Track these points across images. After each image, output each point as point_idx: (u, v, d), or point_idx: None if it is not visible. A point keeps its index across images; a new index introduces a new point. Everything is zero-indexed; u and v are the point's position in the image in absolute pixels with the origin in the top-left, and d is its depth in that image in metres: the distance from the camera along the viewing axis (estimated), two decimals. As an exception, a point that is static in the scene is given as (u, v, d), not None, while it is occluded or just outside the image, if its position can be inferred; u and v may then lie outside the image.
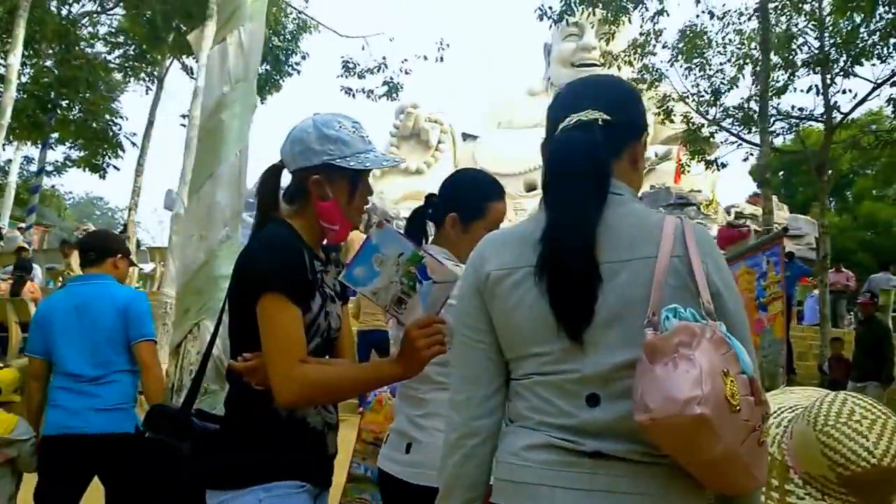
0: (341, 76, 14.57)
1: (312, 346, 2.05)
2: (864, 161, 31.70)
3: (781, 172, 38.11)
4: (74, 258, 14.01)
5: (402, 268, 1.91)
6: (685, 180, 28.87)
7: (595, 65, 37.79)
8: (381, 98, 14.98)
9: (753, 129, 14.62)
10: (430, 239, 2.64)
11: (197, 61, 17.78)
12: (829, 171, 15.09)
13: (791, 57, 14.47)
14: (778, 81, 14.70)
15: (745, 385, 1.34)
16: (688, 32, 15.62)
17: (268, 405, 2.00)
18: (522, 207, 30.61)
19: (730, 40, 15.46)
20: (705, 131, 16.21)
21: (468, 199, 2.55)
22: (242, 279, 2.03)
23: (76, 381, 3.64)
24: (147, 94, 19.05)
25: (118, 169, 18.21)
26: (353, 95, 14.95)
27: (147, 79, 18.72)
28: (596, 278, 1.45)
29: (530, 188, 33.42)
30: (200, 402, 3.73)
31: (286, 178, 2.20)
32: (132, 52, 18.11)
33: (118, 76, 19.37)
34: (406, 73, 14.51)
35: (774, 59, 14.43)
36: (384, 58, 14.43)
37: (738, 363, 1.35)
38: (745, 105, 15.14)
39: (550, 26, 14.73)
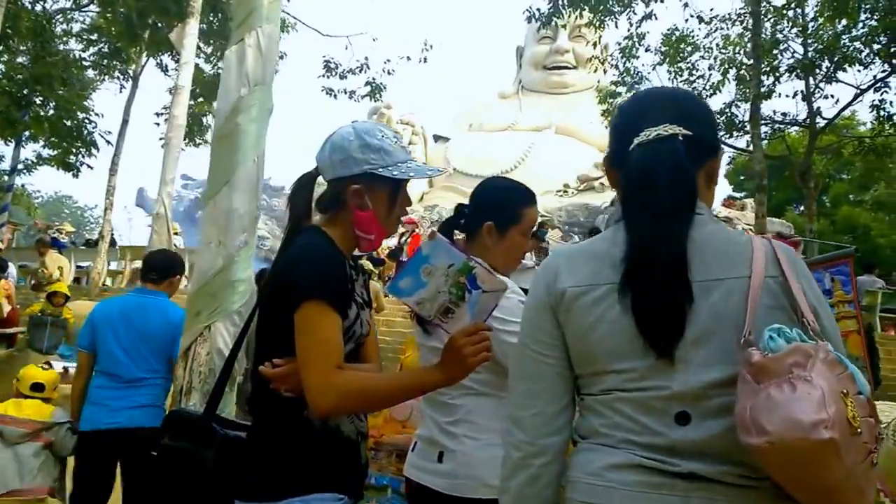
0: (323, 76, 14.48)
1: (346, 350, 2.02)
2: (840, 165, 32.18)
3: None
4: (49, 256, 13.96)
5: (452, 278, 1.89)
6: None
7: (567, 67, 38.18)
8: (363, 99, 14.87)
9: (736, 134, 14.80)
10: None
11: (178, 60, 17.62)
12: (810, 178, 15.27)
13: (776, 62, 14.68)
14: (762, 86, 14.88)
15: (864, 406, 1.32)
16: (672, 36, 15.73)
17: (300, 413, 1.99)
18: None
19: (716, 45, 15.60)
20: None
21: (503, 206, 2.55)
22: (282, 286, 2.00)
23: (118, 381, 4.14)
24: (121, 92, 18.80)
25: (91, 168, 17.99)
26: (335, 96, 14.85)
27: (121, 76, 18.44)
28: (688, 295, 1.43)
29: (503, 191, 33.38)
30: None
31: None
32: (106, 50, 17.79)
33: (92, 74, 19.06)
34: (389, 73, 14.45)
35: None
36: (366, 58, 14.37)
37: (855, 384, 1.33)
38: (728, 110, 15.30)
39: (539, 28, 14.73)
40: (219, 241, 3.80)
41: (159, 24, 15.65)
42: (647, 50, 15.84)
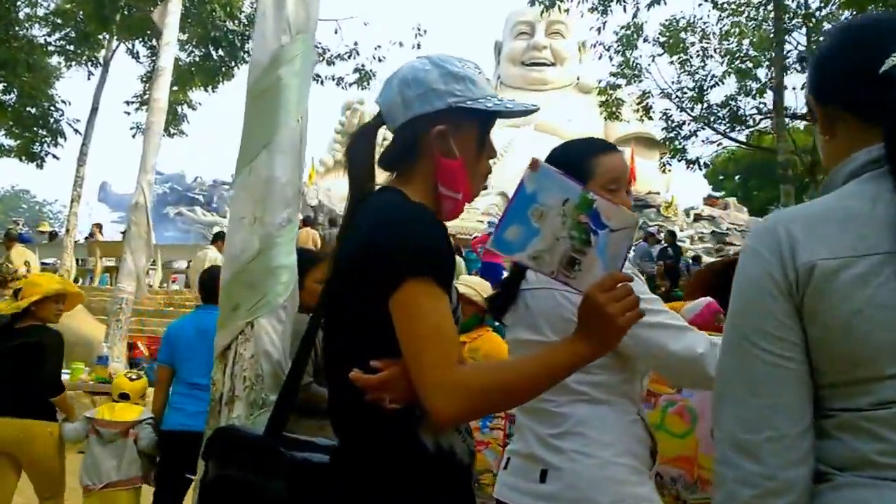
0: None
1: None
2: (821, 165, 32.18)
3: (738, 175, 38.60)
4: (15, 250, 13.17)
5: (571, 218, 1.42)
6: (639, 182, 28.93)
7: (545, 64, 38.03)
8: (351, 86, 14.23)
9: (738, 127, 14.44)
10: None
11: (152, 45, 16.88)
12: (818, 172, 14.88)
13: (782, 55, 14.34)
14: (764, 80, 14.56)
15: None
16: (671, 26, 15.28)
17: (409, 430, 1.53)
18: (474, 206, 30.23)
19: (723, 31, 15.11)
20: (686, 129, 15.97)
21: (575, 158, 2.11)
22: (369, 262, 1.51)
23: (194, 388, 4.62)
24: (89, 79, 17.95)
25: (58, 158, 17.03)
26: (322, 83, 14.21)
27: (90, 62, 17.58)
28: None
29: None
30: (255, 418, 3.10)
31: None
32: (73, 35, 16.94)
33: (56, 60, 18.19)
34: (380, 60, 13.79)
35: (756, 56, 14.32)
36: (356, 43, 13.72)
37: None
38: (731, 102, 14.90)
39: (542, 12, 14.20)
40: (254, 218, 3.18)
41: (130, 8, 14.90)
42: (644, 40, 15.31)
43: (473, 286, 5.09)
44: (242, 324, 3.11)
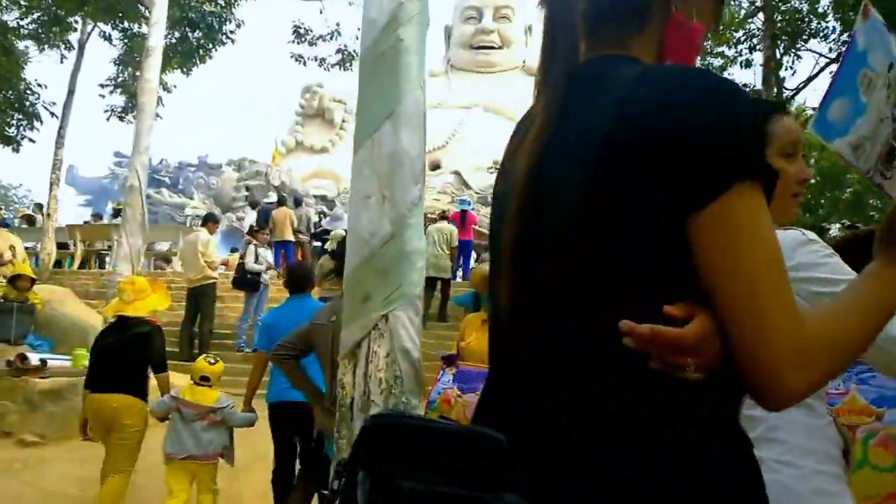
0: (292, 42, 13.02)
1: None
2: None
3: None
4: (0, 235, 12.20)
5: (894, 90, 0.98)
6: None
7: (493, 47, 37.44)
8: (333, 67, 13.46)
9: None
10: None
11: (124, 29, 15.87)
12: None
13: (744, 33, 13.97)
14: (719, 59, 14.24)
15: None
16: None
17: (717, 411, 0.94)
18: (430, 185, 29.67)
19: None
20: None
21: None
22: (661, 152, 0.91)
23: None
24: (62, 62, 16.80)
25: (33, 141, 15.91)
26: (304, 63, 13.41)
27: (64, 45, 16.43)
28: None
29: (434, 167, 32.55)
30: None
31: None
32: (45, 18, 15.77)
33: (26, 44, 16.97)
34: (363, 41, 13.06)
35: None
36: (338, 24, 12.96)
37: None
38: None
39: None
40: (382, 197, 2.62)
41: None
42: None
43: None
44: (376, 317, 2.56)
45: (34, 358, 7.86)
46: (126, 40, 16.50)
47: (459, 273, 18.35)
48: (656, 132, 0.92)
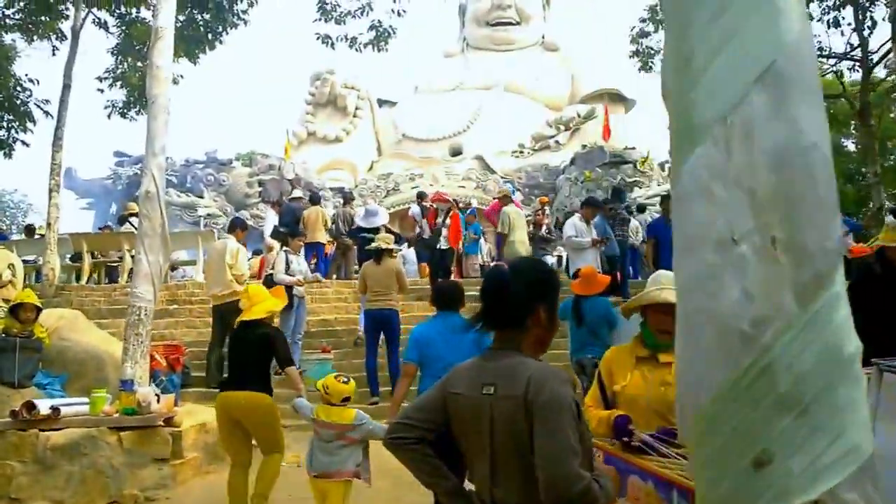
0: (318, 20, 11.59)
1: None
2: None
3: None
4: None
5: None
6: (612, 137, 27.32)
7: (511, 23, 35.98)
8: (366, 47, 12.01)
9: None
10: None
11: (121, 14, 14.48)
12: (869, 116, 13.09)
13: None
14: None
15: None
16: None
17: None
18: (454, 172, 28.36)
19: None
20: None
21: None
22: None
23: (438, 380, 4.15)
24: (54, 54, 15.40)
25: (27, 145, 14.48)
26: (332, 45, 11.98)
27: (55, 35, 15.02)
28: None
29: (455, 153, 31.27)
30: None
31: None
32: (33, 6, 14.38)
33: (12, 38, 15.59)
34: (399, 14, 11.57)
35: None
36: None
37: None
38: None
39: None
40: (771, 241, 1.27)
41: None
42: None
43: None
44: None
45: (44, 406, 6.63)
46: (124, 27, 15.12)
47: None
48: None
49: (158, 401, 6.98)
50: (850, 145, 34.13)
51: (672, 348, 3.18)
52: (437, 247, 12.27)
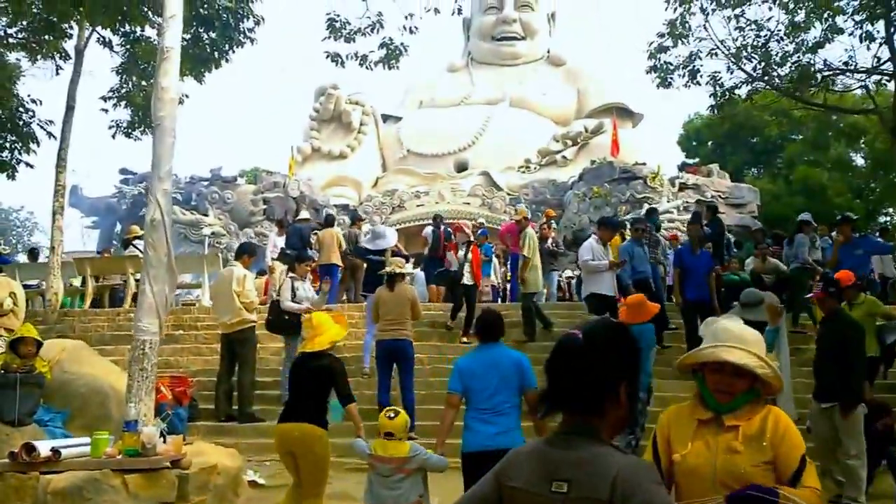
0: (327, 38, 11.23)
1: None
2: (792, 127, 30.65)
3: (710, 142, 36.89)
4: (-3, 281, 10.60)
5: None
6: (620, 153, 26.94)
7: (516, 38, 35.65)
8: (376, 65, 11.66)
9: (814, 86, 12.30)
10: None
11: (125, 33, 14.17)
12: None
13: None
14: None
15: None
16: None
17: None
18: (459, 188, 28.05)
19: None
20: (741, 92, 13.71)
21: None
22: None
23: (484, 412, 5.28)
24: (58, 74, 15.09)
25: (31, 166, 14.14)
26: (342, 63, 11.63)
27: (59, 55, 14.71)
28: None
29: (460, 168, 30.94)
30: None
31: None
32: (36, 24, 14.06)
33: (17, 57, 15.29)
34: (411, 31, 11.22)
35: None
36: (380, 13, 11.11)
37: None
38: (801, 58, 12.63)
39: None
40: None
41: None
42: None
43: (751, 347, 2.91)
44: None
45: (44, 447, 6.28)
46: (129, 46, 14.83)
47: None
48: None
49: (164, 440, 6.63)
50: (859, 159, 33.86)
51: (738, 409, 2.82)
52: (461, 282, 11.76)
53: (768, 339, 7.61)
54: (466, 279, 11.70)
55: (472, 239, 12.45)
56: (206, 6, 12.50)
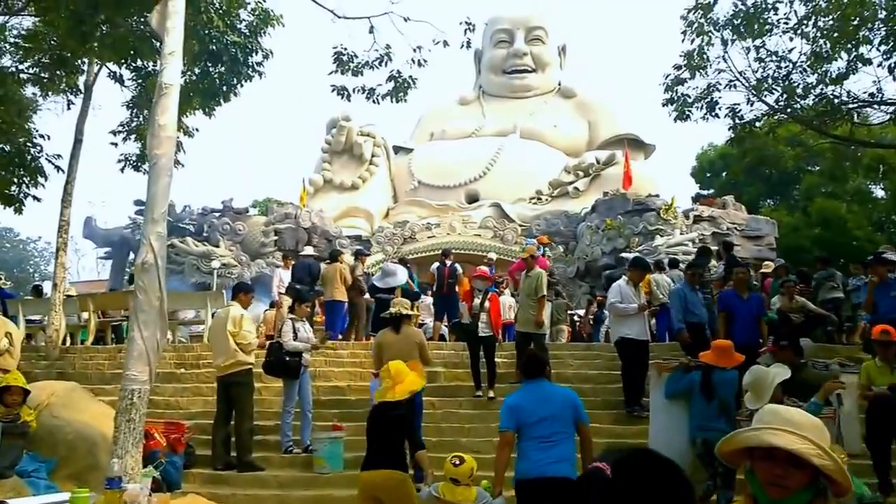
0: (334, 72, 10.88)
1: None
2: (809, 158, 30.07)
3: (725, 173, 36.31)
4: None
5: None
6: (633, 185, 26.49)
7: (527, 71, 35.42)
8: (384, 99, 11.26)
9: (839, 118, 11.81)
10: None
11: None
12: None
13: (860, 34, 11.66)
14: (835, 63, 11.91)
15: None
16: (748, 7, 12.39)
17: None
18: (470, 220, 27.62)
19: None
20: (761, 124, 13.22)
21: None
22: None
23: (539, 441, 5.39)
24: (69, 108, 14.85)
25: (39, 200, 13.81)
26: (349, 97, 11.25)
27: (70, 90, 14.47)
28: None
29: (472, 199, 30.53)
30: None
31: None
32: (47, 60, 13.81)
33: (30, 92, 15.06)
34: (420, 64, 10.82)
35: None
36: (388, 46, 10.74)
37: None
38: (825, 89, 12.12)
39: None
40: None
41: (111, 23, 11.85)
42: (717, 28, 12.41)
43: (805, 432, 2.34)
44: None
45: (32, 504, 5.83)
46: (139, 80, 14.56)
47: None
48: None
49: (160, 489, 6.19)
50: (879, 191, 33.17)
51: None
52: (479, 334, 10.37)
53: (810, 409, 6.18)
54: (483, 330, 10.42)
55: (492, 287, 11.19)
56: (214, 41, 12.17)
